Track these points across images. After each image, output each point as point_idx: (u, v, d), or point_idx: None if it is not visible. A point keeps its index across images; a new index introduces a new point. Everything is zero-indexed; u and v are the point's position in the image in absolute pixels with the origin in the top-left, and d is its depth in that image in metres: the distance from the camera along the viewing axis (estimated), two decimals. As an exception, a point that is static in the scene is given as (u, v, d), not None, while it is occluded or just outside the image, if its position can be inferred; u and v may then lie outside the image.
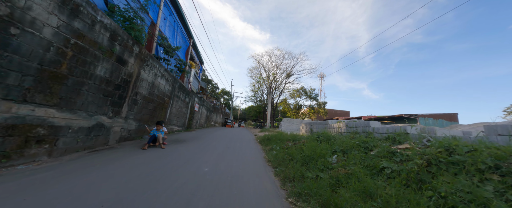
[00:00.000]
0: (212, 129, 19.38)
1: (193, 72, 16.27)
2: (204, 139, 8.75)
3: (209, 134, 11.65)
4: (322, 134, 6.95)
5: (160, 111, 8.18)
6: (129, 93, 5.69)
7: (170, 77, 8.89)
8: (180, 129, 11.60)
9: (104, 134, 4.89)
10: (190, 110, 13.47)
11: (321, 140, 6.50)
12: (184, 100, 11.60)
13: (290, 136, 10.27)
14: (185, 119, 12.51)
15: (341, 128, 7.98)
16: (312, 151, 4.93)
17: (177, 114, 10.80)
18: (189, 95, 13.09)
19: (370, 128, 6.20)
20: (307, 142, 6.72)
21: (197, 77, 19.10)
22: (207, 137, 9.73)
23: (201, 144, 7.24)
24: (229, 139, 9.69)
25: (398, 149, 3.95)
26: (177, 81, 9.77)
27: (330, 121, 9.17)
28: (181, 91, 10.86)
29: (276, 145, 7.79)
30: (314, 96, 47.31)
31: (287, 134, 11.54)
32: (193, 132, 11.98)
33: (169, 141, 7.17)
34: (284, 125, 34.25)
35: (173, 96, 9.57)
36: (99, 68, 4.42)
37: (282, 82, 37.33)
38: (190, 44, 14.85)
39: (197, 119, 16.32)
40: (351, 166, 3.68)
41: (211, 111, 23.38)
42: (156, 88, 7.54)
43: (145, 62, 6.36)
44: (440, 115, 30.23)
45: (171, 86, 9.07)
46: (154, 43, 8.62)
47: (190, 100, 13.29)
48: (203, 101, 18.06)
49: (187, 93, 12.25)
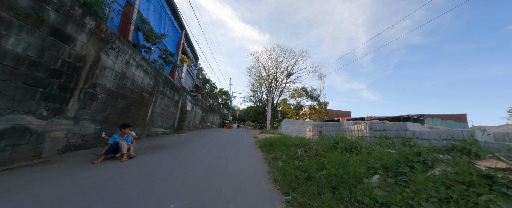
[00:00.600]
0: (207, 130, 17.78)
1: (186, 67, 14.68)
2: (193, 144, 7.16)
3: (202, 137, 10.05)
4: (341, 139, 5.38)
5: (136, 110, 6.59)
6: (80, 84, 4.10)
7: (152, 69, 7.30)
8: (167, 131, 10.00)
9: (32, 142, 3.29)
10: (181, 109, 11.87)
11: (342, 148, 4.93)
12: (172, 98, 10.01)
13: (296, 140, 8.71)
14: (174, 120, 10.91)
15: (363, 131, 6.43)
16: (340, 166, 3.37)
17: (163, 113, 9.20)
18: (180, 92, 11.48)
19: (408, 132, 4.65)
20: (323, 150, 5.16)
21: (191, 73, 17.51)
22: (198, 141, 8.14)
23: (186, 151, 5.65)
24: (224, 144, 8.11)
25: (490, 169, 2.39)
26: (160, 74, 8.18)
27: (345, 122, 7.63)
28: (168, 88, 9.27)
29: (281, 152, 6.22)
30: (315, 97, 45.83)
31: (292, 137, 9.99)
32: (183, 135, 10.37)
33: (146, 147, 5.58)
34: (284, 126, 32.69)
35: (156, 92, 7.98)
36: (12, 41, 2.83)
37: (283, 82, 35.84)
38: (182, 36, 13.27)
39: (190, 120, 14.71)
40: (422, 203, 2.12)
41: (207, 111, 21.78)
42: (130, 81, 5.95)
43: (108, 44, 4.77)
44: (448, 115, 28.84)
45: (152, 80, 7.48)
46: (130, 26, 7.04)
47: (180, 98, 11.69)
48: (197, 100, 16.46)
49: (176, 90, 10.66)
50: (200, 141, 8.30)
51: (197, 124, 17.20)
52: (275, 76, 34.56)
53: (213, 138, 10.43)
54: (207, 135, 11.91)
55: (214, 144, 7.85)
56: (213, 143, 8.18)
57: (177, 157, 4.77)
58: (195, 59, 18.68)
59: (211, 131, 17.67)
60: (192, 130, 15.50)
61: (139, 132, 6.99)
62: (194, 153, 5.50)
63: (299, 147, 7.20)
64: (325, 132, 8.56)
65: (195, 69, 18.90)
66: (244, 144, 8.81)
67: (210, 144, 7.76)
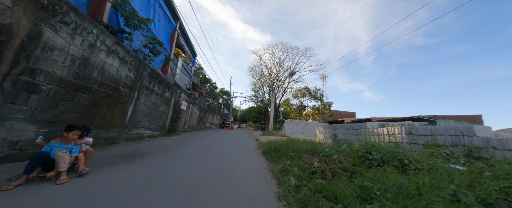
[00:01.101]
0: (205, 132, 16.46)
1: (181, 63, 13.39)
2: (182, 150, 5.83)
3: (196, 141, 8.72)
4: (373, 147, 3.99)
5: (109, 108, 5.27)
6: (2, 67, 2.79)
7: (132, 58, 5.99)
8: (156, 133, 8.68)
9: None
10: (173, 109, 10.56)
11: (379, 160, 3.56)
12: (162, 95, 8.70)
13: (306, 144, 7.34)
14: (165, 120, 9.59)
15: (397, 135, 5.06)
16: (404, 197, 2.01)
17: (151, 113, 7.89)
18: (172, 89, 10.17)
19: (477, 139, 3.27)
20: (350, 162, 3.80)
21: (187, 70, 16.23)
22: (189, 146, 6.81)
23: (168, 161, 4.32)
24: (220, 149, 6.77)
25: None
26: (145, 66, 6.87)
27: (369, 124, 6.26)
28: (156, 83, 7.95)
29: (291, 161, 4.88)
30: (318, 97, 44.40)
31: (299, 141, 8.63)
32: (175, 138, 9.05)
33: (115, 156, 4.25)
34: (287, 127, 31.27)
35: (139, 87, 6.67)
36: None
37: (285, 81, 34.49)
38: (176, 28, 11.99)
39: (185, 120, 13.39)
40: None
41: (206, 111, 20.47)
42: (97, 71, 4.64)
43: (56, 15, 3.46)
44: (462, 116, 27.28)
45: (133, 72, 6.16)
46: (106, 4, 5.74)
47: (173, 96, 10.38)
48: (194, 99, 15.15)
49: (168, 86, 9.35)
50: (192, 145, 6.96)
51: (194, 125, 15.89)
52: (277, 75, 33.22)
53: (209, 140, 9.10)
54: (203, 137, 10.59)
55: (208, 149, 6.52)
56: (208, 147, 6.85)
57: (151, 172, 3.44)
58: (192, 56, 17.41)
59: (209, 132, 16.35)
60: (188, 131, 14.19)
61: (115, 136, 5.68)
62: (178, 164, 4.16)
63: (313, 155, 5.85)
64: (341, 135, 7.19)
65: (193, 66, 17.63)
66: (244, 148, 7.46)
67: (203, 149, 6.42)
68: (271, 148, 6.80)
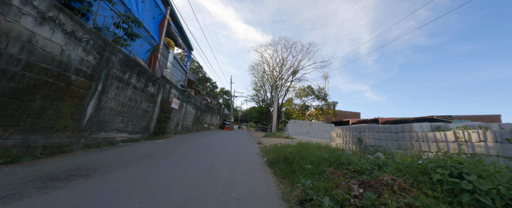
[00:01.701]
0: (202, 133, 14.85)
1: (173, 55, 11.80)
2: (158, 163, 4.23)
3: (185, 146, 7.13)
4: (462, 164, 2.35)
5: (51, 102, 3.68)
6: None
7: (90, 36, 4.40)
8: (136, 136, 7.09)
9: None
10: (161, 107, 8.96)
11: (487, 193, 1.93)
12: (143, 89, 7.10)
13: (323, 151, 5.70)
14: (149, 120, 7.99)
15: (476, 143, 3.39)
16: None
17: (126, 111, 6.30)
18: (159, 84, 8.58)
19: None
20: (419, 189, 2.17)
21: (182, 65, 14.64)
22: (172, 155, 5.21)
23: (122, 186, 2.72)
24: (212, 159, 5.16)
25: None
26: (114, 49, 5.28)
27: (417, 126, 4.62)
28: (133, 73, 6.37)
29: (312, 181, 3.28)
30: (322, 96, 42.67)
31: (312, 145, 7.00)
32: (160, 142, 7.45)
33: (38, 177, 2.62)
34: (291, 127, 29.56)
35: (105, 77, 5.07)
36: None
37: (288, 80, 32.87)
38: (166, 15, 10.41)
39: (178, 120, 11.79)
40: None
41: (204, 111, 18.87)
42: (19, 45, 3.05)
43: None
44: (479, 116, 25.50)
45: (93, 56, 4.57)
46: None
47: (161, 92, 8.79)
48: (189, 97, 13.56)
49: (152, 80, 7.76)
50: (177, 153, 5.35)
51: (188, 126, 14.30)
52: (280, 73, 31.61)
53: (202, 145, 7.48)
54: (197, 140, 8.98)
55: (196, 158, 4.90)
56: (197, 156, 5.23)
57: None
58: (188, 50, 15.83)
59: (206, 134, 14.74)
60: (182, 133, 12.60)
61: (64, 142, 4.08)
62: (135, 191, 2.55)
63: (338, 168, 4.21)
64: (370, 139, 5.55)
65: (188, 62, 16.08)
66: (244, 157, 5.83)
67: (189, 159, 4.80)
68: (280, 157, 5.18)
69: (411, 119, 28.13)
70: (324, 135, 29.91)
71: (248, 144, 9.91)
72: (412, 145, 4.30)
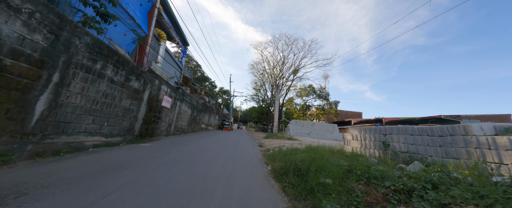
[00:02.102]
0: (198, 135, 13.74)
1: (163, 48, 10.68)
2: (128, 177, 3.11)
3: (174, 151, 6.03)
4: None
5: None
6: None
7: (36, 7, 3.29)
8: (115, 140, 5.98)
9: None
10: (148, 105, 7.85)
11: None
12: (123, 84, 5.99)
13: (339, 157, 4.62)
14: (133, 120, 6.88)
15: None
16: None
17: (101, 109, 5.19)
18: (145, 79, 7.47)
19: None
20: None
21: (176, 61, 13.52)
22: (153, 163, 4.10)
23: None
24: (204, 171, 4.05)
25: None
26: (77, 30, 4.16)
27: (474, 127, 3.52)
28: (108, 64, 5.25)
29: (339, 207, 2.17)
30: (324, 96, 41.62)
31: (323, 149, 5.92)
32: (144, 146, 6.34)
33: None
34: (292, 128, 28.44)
35: (64, 64, 3.96)
36: None
37: (289, 78, 31.80)
38: (156, 2, 9.31)
39: (170, 121, 10.68)
40: None
41: (201, 110, 17.75)
42: None
43: None
44: (488, 116, 24.48)
45: (43, 35, 3.46)
46: None
47: (147, 88, 7.68)
48: (183, 95, 12.44)
49: (136, 73, 6.66)
50: (160, 162, 4.24)
51: (183, 126, 13.18)
52: (281, 71, 30.53)
53: (194, 150, 6.37)
54: (190, 143, 7.86)
55: (182, 168, 3.78)
56: (183, 166, 4.12)
57: None
58: (183, 45, 14.71)
59: (203, 135, 13.63)
60: (175, 134, 11.48)
61: (5, 149, 2.97)
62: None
63: (369, 184, 3.13)
64: (400, 144, 4.44)
65: (184, 57, 14.97)
66: (244, 165, 4.72)
67: (174, 169, 3.69)
68: (288, 167, 4.08)
69: (417, 119, 27.09)
70: (327, 135, 28.81)
71: (248, 146, 8.81)
72: (469, 153, 3.22)
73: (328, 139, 28.19)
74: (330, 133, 28.98)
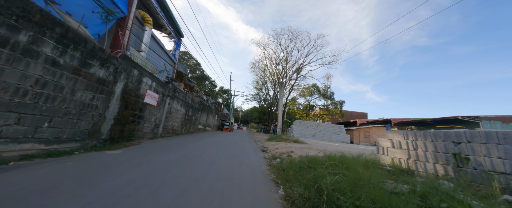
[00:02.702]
0: (194, 136, 12.10)
1: (149, 34, 9.06)
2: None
3: (155, 159, 4.39)
4: None
5: None
6: None
7: None
8: (70, 146, 4.36)
9: None
10: (122, 100, 6.23)
11: None
12: (80, 70, 4.36)
13: (386, 177, 2.97)
14: (99, 120, 5.24)
15: None
16: None
17: (34, 105, 3.56)
18: (116, 66, 5.84)
19: None
20: None
21: (167, 51, 11.91)
22: (99, 187, 2.45)
23: None
24: (183, 198, 2.40)
25: None
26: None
27: None
28: (47, 37, 3.62)
29: None
30: (329, 95, 39.88)
31: (356, 159, 4.26)
32: (112, 154, 4.70)
33: None
34: (296, 129, 26.73)
35: None
36: None
37: (292, 77, 30.13)
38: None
39: (158, 121, 9.05)
40: None
41: (197, 110, 16.13)
42: None
43: None
44: (509, 117, 22.56)
45: None
46: None
47: (121, 78, 6.05)
48: (175, 91, 10.82)
49: (101, 57, 5.03)
50: (113, 184, 2.60)
51: (175, 127, 11.55)
52: (284, 69, 28.88)
53: (181, 158, 4.72)
54: (179, 149, 6.22)
55: (146, 196, 2.19)
56: (152, 189, 2.49)
57: None
58: (176, 35, 13.10)
59: (199, 137, 11.99)
60: (165, 137, 9.86)
61: None
62: None
63: None
64: (494, 160, 2.77)
65: (178, 49, 13.37)
66: (243, 185, 3.04)
67: (130, 200, 2.07)
68: (315, 196, 2.44)
69: (430, 120, 25.26)
70: (333, 137, 27.07)
71: (249, 152, 7.14)
72: None
73: (334, 141, 26.47)
74: (337, 135, 27.24)
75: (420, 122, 27.65)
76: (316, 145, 12.69)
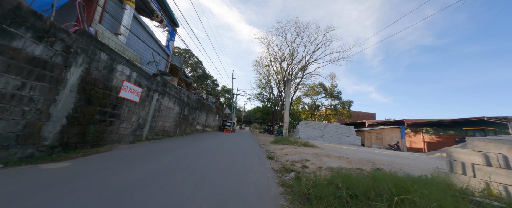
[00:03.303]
0: (188, 139, 10.52)
1: (130, 15, 7.49)
2: None
3: (106, 179, 2.77)
4: None
5: None
6: None
7: None
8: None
9: None
10: (82, 92, 4.64)
11: None
12: (10, 46, 2.80)
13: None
14: (38, 119, 3.67)
15: None
16: None
17: None
18: (66, 43, 4.25)
19: None
20: None
21: (157, 39, 10.36)
22: None
23: None
24: None
25: None
26: None
27: None
28: None
29: None
30: (336, 95, 37.99)
31: (413, 180, 2.62)
32: (56, 169, 3.11)
33: None
34: (302, 130, 24.93)
35: None
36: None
37: (297, 76, 28.41)
38: None
39: (142, 121, 7.47)
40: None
41: (194, 108, 14.57)
42: None
43: None
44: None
45: None
46: None
47: (78, 61, 4.47)
48: (165, 86, 9.25)
49: (38, 27, 3.46)
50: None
51: (167, 128, 9.98)
52: (290, 66, 27.18)
53: (145, 177, 3.11)
54: (161, 157, 4.61)
55: None
56: None
57: None
58: (169, 24, 11.56)
59: (194, 139, 10.40)
60: (152, 139, 8.29)
61: None
62: None
63: None
64: None
65: (172, 40, 11.84)
66: None
67: None
68: None
69: (449, 121, 23.16)
70: (342, 139, 25.20)
71: (252, 160, 5.46)
72: None
73: (344, 143, 24.61)
74: (346, 136, 25.35)
75: (438, 123, 25.54)
76: (330, 149, 10.97)
